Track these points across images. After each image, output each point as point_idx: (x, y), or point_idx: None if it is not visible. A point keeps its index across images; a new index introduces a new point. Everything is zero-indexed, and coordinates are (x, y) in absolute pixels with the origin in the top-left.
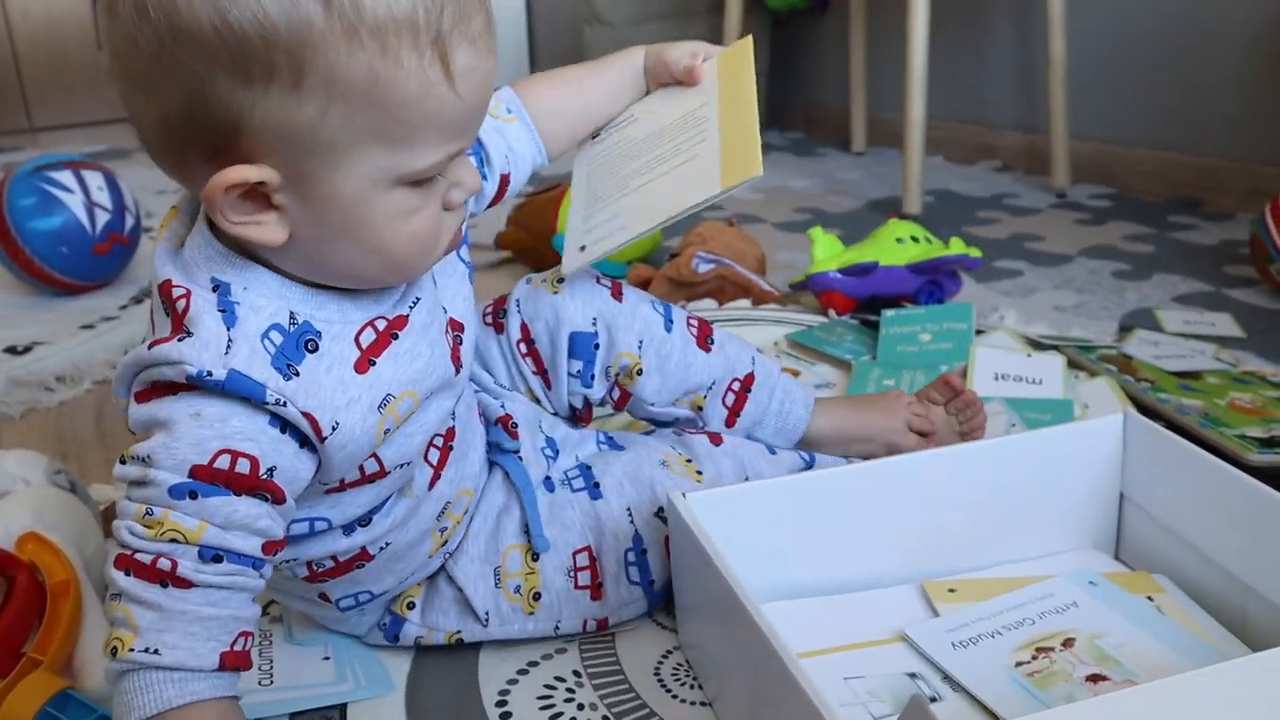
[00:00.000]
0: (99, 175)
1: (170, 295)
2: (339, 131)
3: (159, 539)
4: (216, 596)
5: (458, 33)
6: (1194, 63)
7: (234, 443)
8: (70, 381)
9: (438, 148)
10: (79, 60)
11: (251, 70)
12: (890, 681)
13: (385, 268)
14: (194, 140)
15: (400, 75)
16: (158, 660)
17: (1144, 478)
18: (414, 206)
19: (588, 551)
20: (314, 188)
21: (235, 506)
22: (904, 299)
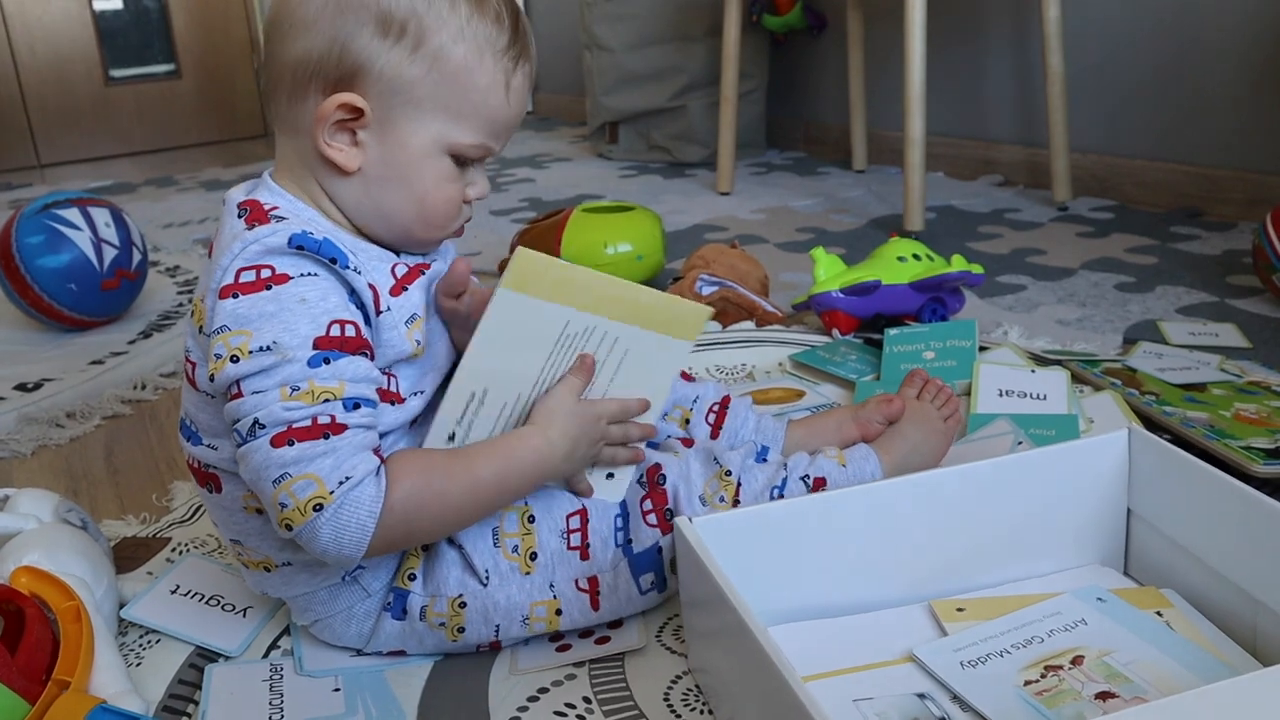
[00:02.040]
0: (106, 212)
1: (260, 205)
2: (427, 93)
3: (315, 403)
4: (360, 433)
5: (521, 62)
6: (1191, 73)
7: (337, 314)
8: (80, 418)
9: (482, 135)
10: (85, 96)
11: (390, 28)
12: (899, 703)
13: (418, 216)
14: (322, 74)
15: (480, 69)
16: (353, 481)
17: (1150, 493)
18: (452, 177)
19: (580, 514)
20: (392, 133)
21: (356, 364)
22: (907, 317)
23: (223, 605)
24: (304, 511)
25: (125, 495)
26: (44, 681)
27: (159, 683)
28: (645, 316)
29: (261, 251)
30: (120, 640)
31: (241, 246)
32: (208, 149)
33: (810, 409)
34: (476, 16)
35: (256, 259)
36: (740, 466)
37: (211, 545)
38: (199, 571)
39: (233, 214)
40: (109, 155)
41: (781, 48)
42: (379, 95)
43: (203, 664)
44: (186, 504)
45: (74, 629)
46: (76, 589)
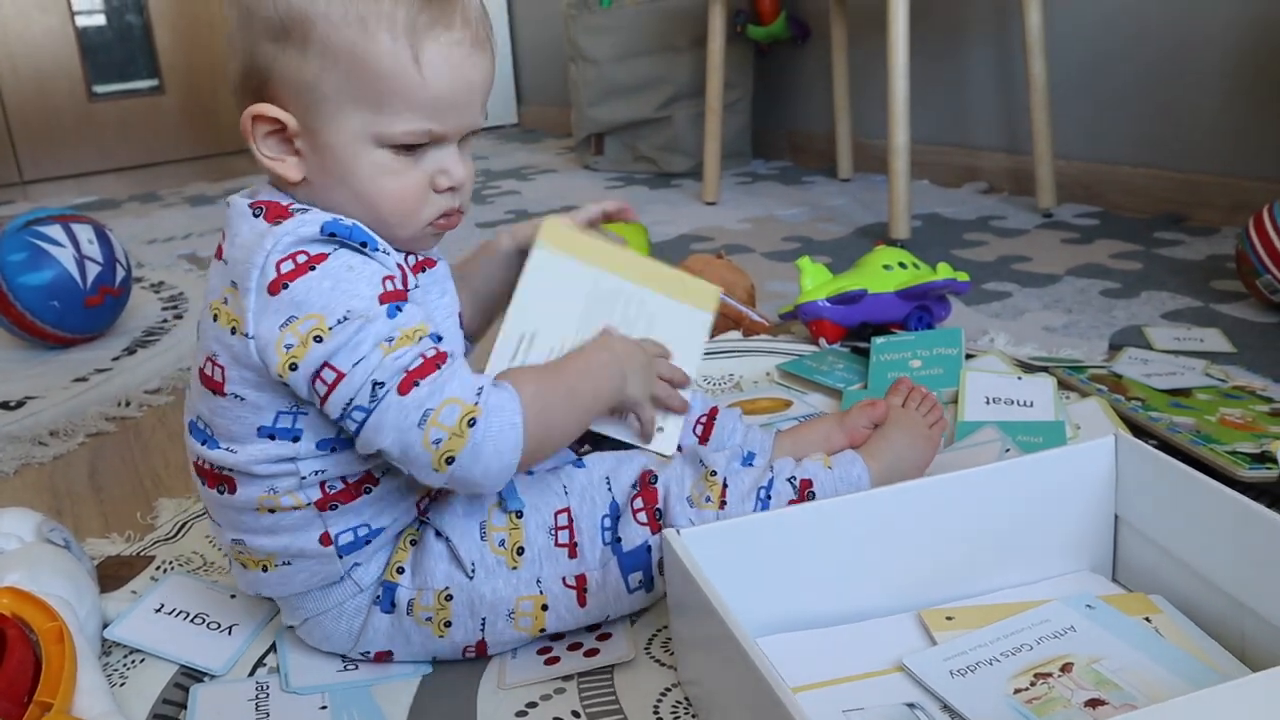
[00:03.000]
0: (89, 228)
1: (274, 203)
2: (332, 89)
3: (414, 343)
4: (459, 358)
5: (431, 33)
6: (1173, 80)
7: (383, 272)
8: (64, 435)
9: (408, 120)
10: (68, 113)
11: (279, 32)
12: (889, 713)
13: (371, 218)
14: (248, 88)
15: (375, 52)
16: (486, 388)
17: (1137, 499)
18: (395, 169)
19: (567, 512)
20: (317, 135)
21: (413, 310)
22: (894, 326)
23: (208, 623)
24: (460, 433)
25: (109, 513)
26: (25, 703)
27: (143, 703)
28: (664, 285)
29: (294, 241)
30: (104, 660)
31: (274, 240)
32: (192, 164)
33: (798, 418)
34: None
35: (290, 249)
36: (725, 468)
37: (196, 563)
38: (184, 589)
39: (246, 215)
40: (92, 171)
41: (766, 58)
42: (292, 100)
43: (188, 683)
44: (171, 521)
45: (56, 650)
46: (59, 609)
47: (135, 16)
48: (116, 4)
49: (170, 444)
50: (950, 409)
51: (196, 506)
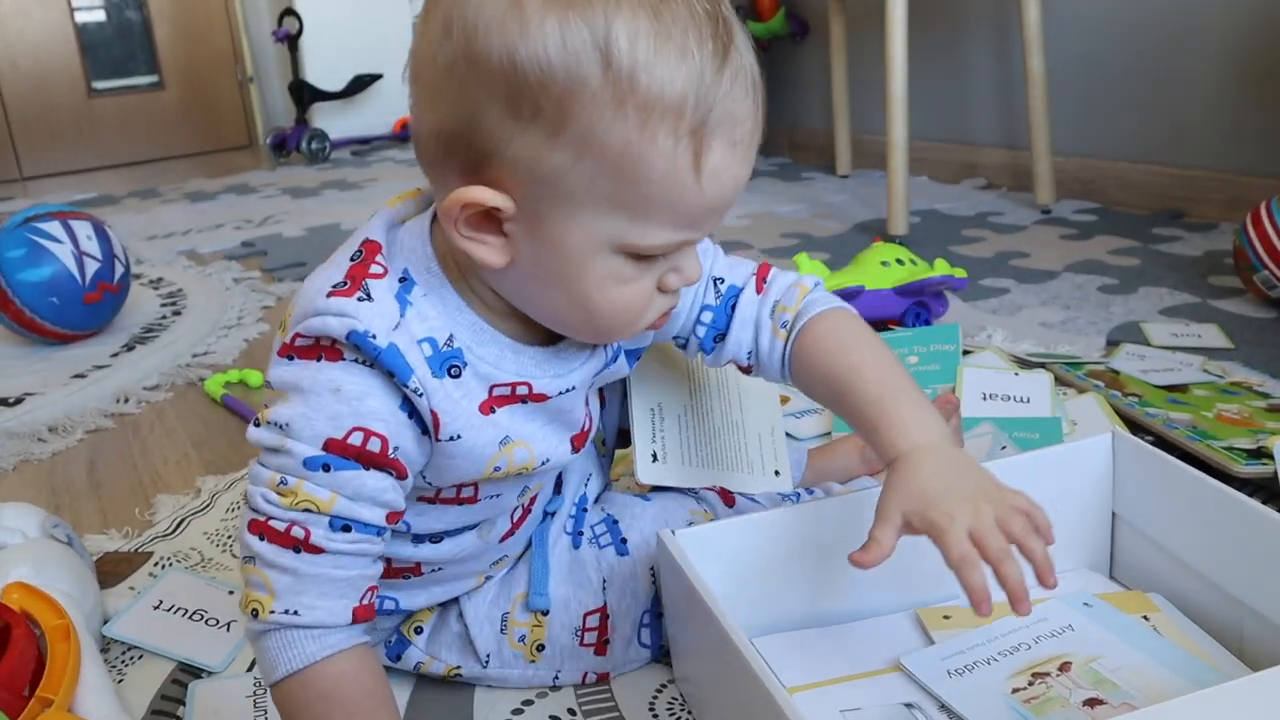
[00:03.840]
0: (87, 225)
1: (372, 258)
2: (581, 186)
3: (293, 508)
4: (345, 561)
5: (720, 132)
6: (1171, 76)
7: (368, 421)
8: (62, 432)
9: (668, 231)
10: (67, 109)
11: (521, 107)
12: (887, 712)
13: (584, 323)
14: (455, 155)
15: (651, 153)
16: (297, 620)
17: (1135, 496)
18: (629, 277)
19: (600, 612)
20: (543, 228)
21: (364, 480)
22: (891, 322)
23: (206, 620)
24: (246, 605)
25: (108, 509)
26: (25, 697)
27: (142, 699)
28: None
29: (319, 328)
30: (103, 656)
31: (311, 311)
32: (192, 160)
33: (796, 414)
34: (644, 71)
35: (312, 332)
36: None
37: (195, 559)
38: (182, 586)
39: (352, 245)
40: (92, 168)
41: (764, 54)
42: (519, 185)
43: (186, 680)
44: (169, 517)
45: (62, 647)
46: (65, 606)
47: (135, 12)
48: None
49: (169, 440)
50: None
51: (195, 503)
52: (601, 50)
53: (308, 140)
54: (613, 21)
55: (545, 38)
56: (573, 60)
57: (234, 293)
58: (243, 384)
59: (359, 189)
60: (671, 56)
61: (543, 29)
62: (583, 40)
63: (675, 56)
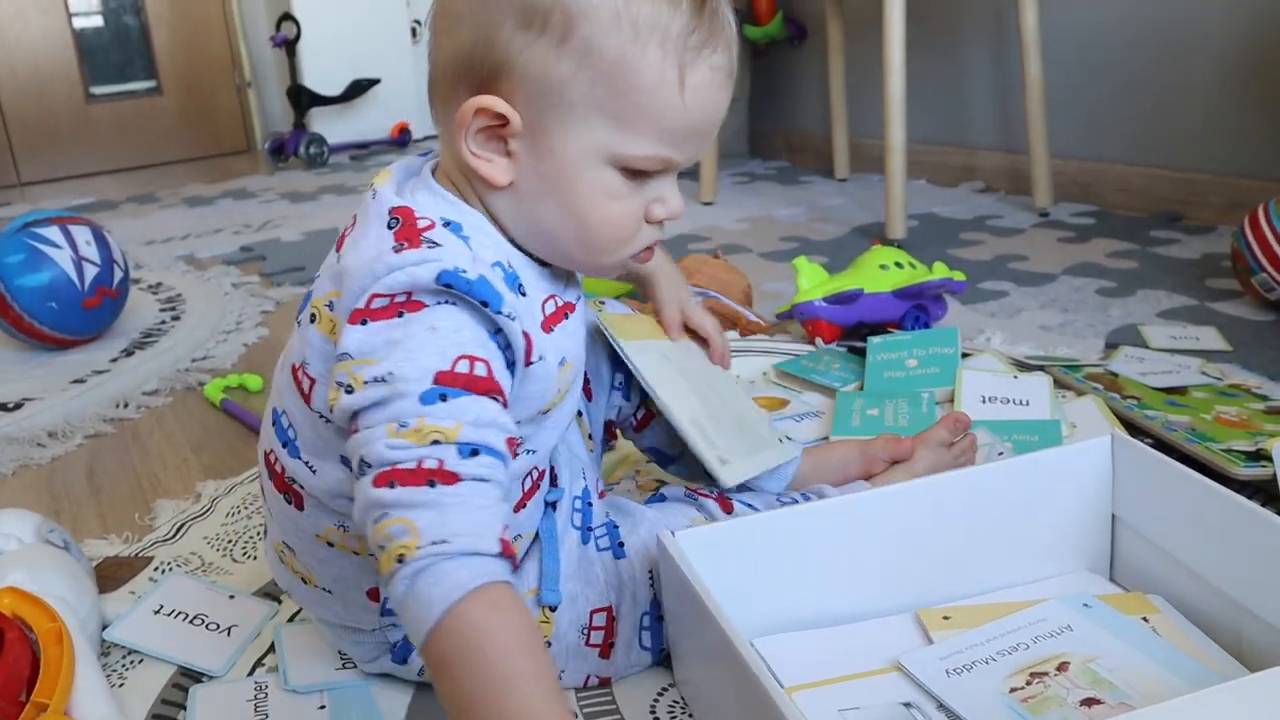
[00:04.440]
0: (86, 230)
1: (413, 217)
2: (580, 94)
3: (422, 443)
4: (480, 489)
5: (700, 55)
6: (1168, 80)
7: (469, 349)
8: (61, 437)
9: (653, 144)
10: (66, 114)
11: (532, 19)
12: (886, 712)
13: (578, 239)
14: (467, 75)
15: (642, 64)
16: (448, 549)
17: (1134, 498)
18: (618, 193)
19: (606, 612)
20: (544, 139)
21: (482, 405)
22: (890, 325)
23: (206, 624)
24: (390, 560)
25: (107, 514)
26: (21, 703)
27: (142, 704)
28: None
29: (404, 282)
30: (103, 661)
31: (385, 271)
32: (190, 165)
33: (794, 417)
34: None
35: (395, 288)
36: None
37: (195, 564)
38: (183, 590)
39: (381, 219)
40: (90, 173)
41: (763, 58)
42: (527, 97)
43: (187, 684)
44: (170, 522)
45: (55, 651)
46: (60, 610)
47: (133, 18)
48: (114, 5)
49: (168, 445)
50: (946, 408)
51: (195, 507)
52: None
53: (306, 145)
54: None
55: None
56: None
57: (233, 297)
58: (242, 388)
59: (357, 193)
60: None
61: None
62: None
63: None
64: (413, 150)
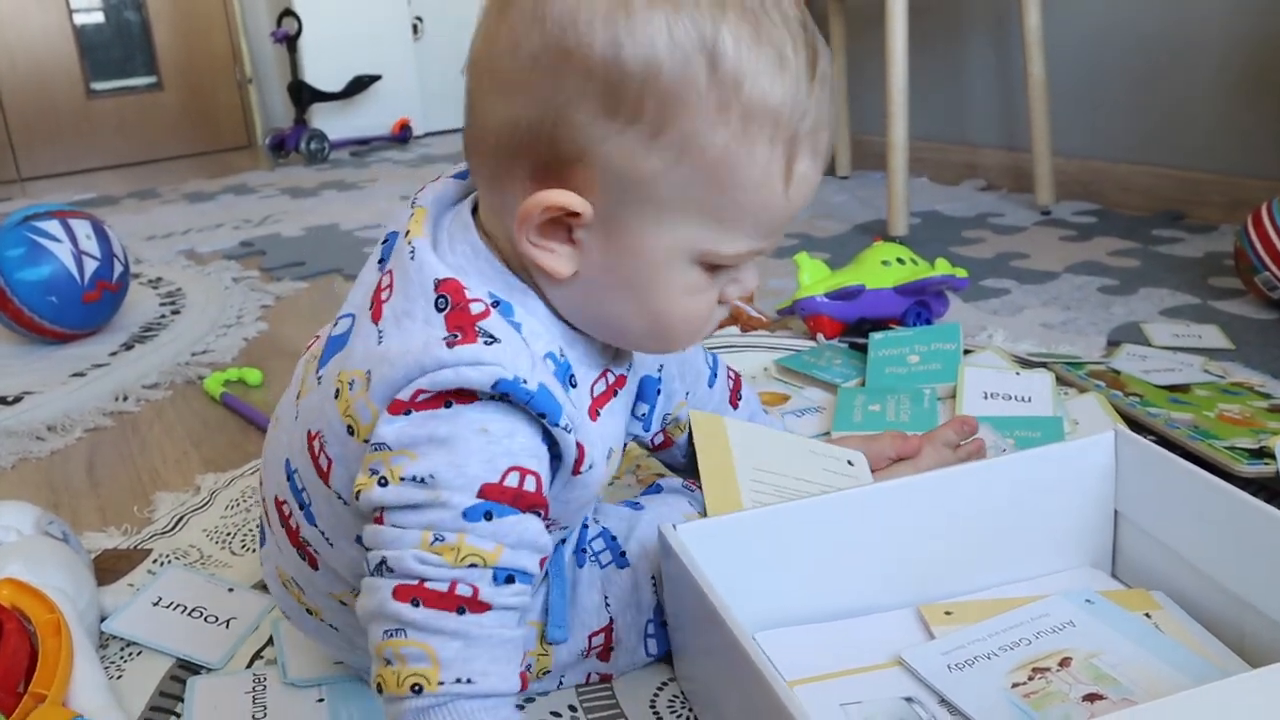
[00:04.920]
0: (86, 224)
1: (464, 298)
2: (671, 192)
3: (458, 564)
4: (508, 618)
5: (809, 140)
6: (1172, 78)
7: (521, 459)
8: (61, 430)
9: (749, 240)
10: (66, 109)
11: (619, 106)
12: (887, 706)
13: (649, 334)
14: (530, 152)
15: (748, 161)
16: (472, 690)
17: (1137, 494)
18: (700, 287)
19: (605, 630)
20: (621, 236)
21: (526, 525)
22: (891, 321)
23: (205, 617)
24: (400, 684)
25: (107, 507)
26: (19, 694)
27: (140, 696)
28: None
29: (455, 382)
30: (101, 653)
31: (435, 366)
32: (191, 161)
33: (796, 413)
34: (749, 78)
35: (445, 386)
36: None
37: (194, 556)
38: (181, 582)
39: (426, 296)
40: (91, 168)
41: None
42: (604, 189)
43: (185, 676)
44: (169, 515)
45: (54, 642)
46: (58, 601)
47: (133, 13)
48: (115, 1)
49: (167, 439)
50: (948, 404)
51: (194, 500)
52: (708, 52)
53: (306, 141)
54: (719, 24)
55: (654, 35)
56: (680, 60)
57: (233, 292)
58: (242, 382)
59: (358, 189)
60: (772, 63)
61: (650, 25)
62: (691, 40)
63: (775, 63)
64: (414, 147)
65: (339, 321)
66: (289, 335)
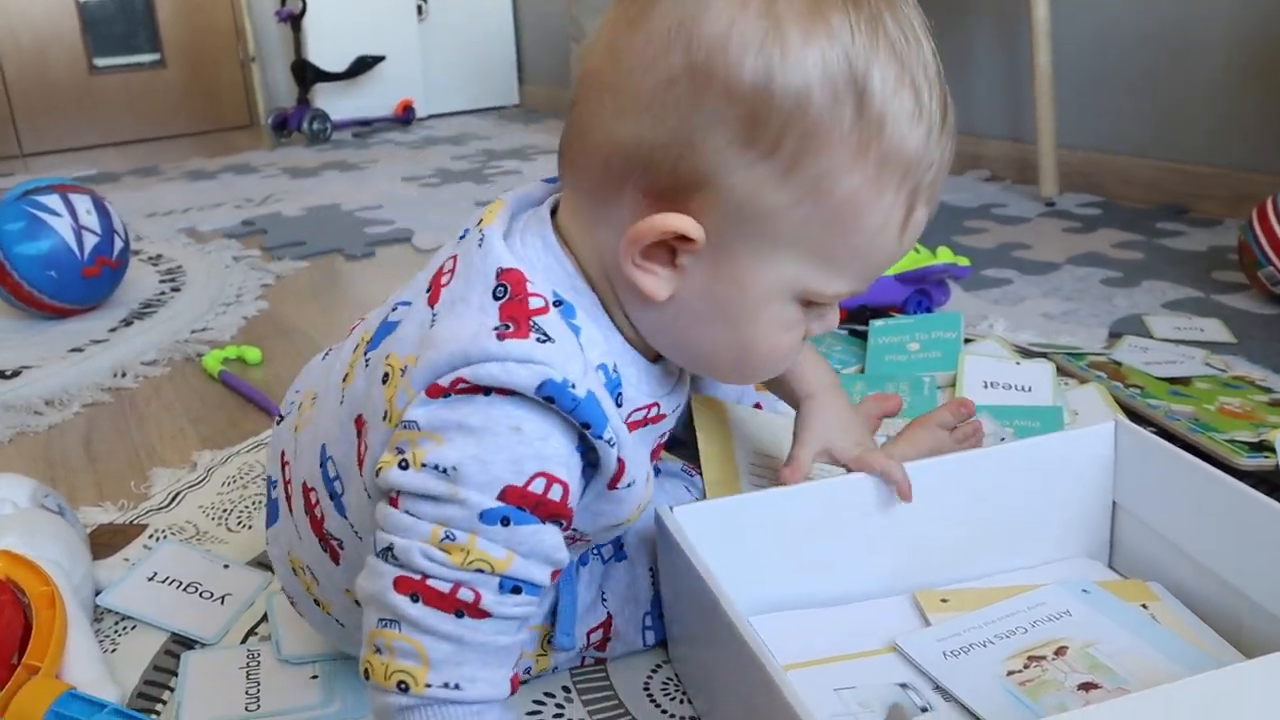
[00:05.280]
0: (87, 199)
1: (524, 290)
2: (790, 229)
3: (464, 567)
4: (508, 626)
5: (929, 190)
6: (1178, 72)
7: (551, 466)
8: (59, 405)
9: (851, 282)
10: (69, 85)
11: (758, 137)
12: (881, 692)
13: (734, 365)
14: (648, 173)
15: (874, 206)
16: (458, 695)
17: (1136, 485)
18: (793, 324)
19: (603, 625)
20: (728, 266)
21: (542, 535)
22: (892, 309)
23: (200, 592)
24: (388, 677)
25: (104, 482)
26: (12, 665)
27: (134, 669)
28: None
29: (499, 378)
30: (96, 626)
31: (482, 357)
32: (193, 139)
33: None
34: (890, 122)
35: (487, 381)
36: None
37: (190, 532)
38: (177, 558)
39: (486, 281)
40: (93, 145)
41: None
42: (722, 217)
43: (179, 651)
44: (165, 490)
45: (48, 615)
46: (53, 574)
47: None
48: None
49: (166, 415)
50: (947, 393)
51: (191, 476)
52: (858, 91)
53: (309, 121)
54: (872, 60)
55: (807, 68)
56: (829, 97)
57: (233, 270)
58: (240, 360)
59: (359, 170)
60: (912, 108)
61: (805, 57)
62: (844, 76)
63: (914, 109)
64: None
65: (397, 307)
66: (289, 314)
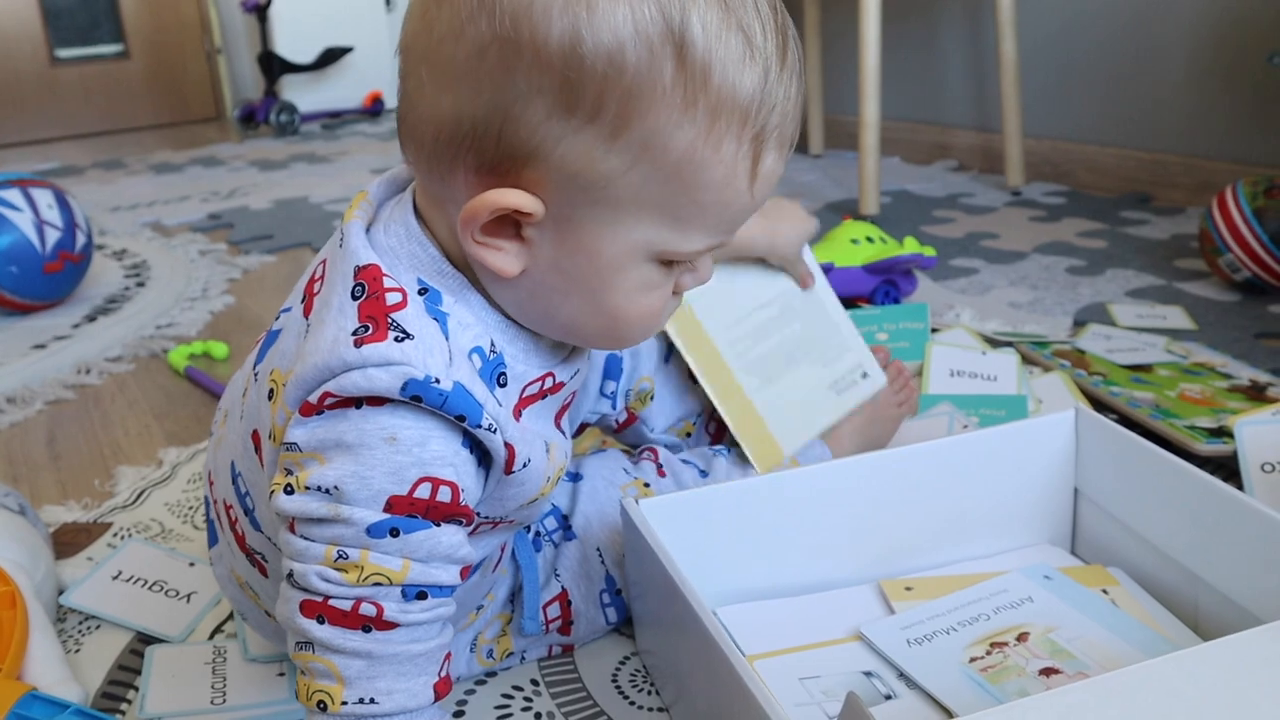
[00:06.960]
0: (48, 193)
1: (380, 285)
2: (630, 193)
3: (360, 583)
4: (421, 633)
5: (777, 135)
6: (1142, 62)
7: (434, 469)
8: (21, 403)
9: (707, 237)
10: (30, 77)
11: (577, 103)
12: (846, 680)
13: (602, 332)
14: (476, 148)
15: (713, 160)
16: (375, 710)
17: (1097, 472)
18: (655, 283)
19: (559, 600)
20: (574, 235)
21: (438, 538)
22: (860, 299)
23: (165, 590)
24: (309, 698)
25: (67, 481)
26: None
27: (98, 669)
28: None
29: (363, 386)
30: (59, 627)
31: (342, 367)
32: (157, 132)
33: None
34: (717, 69)
35: (352, 391)
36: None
37: (155, 530)
38: (141, 557)
39: (345, 281)
40: (55, 138)
41: None
42: (558, 188)
43: (144, 649)
44: (130, 489)
45: (9, 615)
46: (13, 574)
47: None
48: None
49: (130, 412)
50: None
51: (156, 474)
52: (676, 43)
53: (277, 113)
54: (689, 7)
55: (617, 25)
56: (645, 53)
57: (199, 265)
58: (207, 356)
59: (328, 162)
60: (741, 51)
61: (613, 14)
62: (657, 29)
63: (744, 52)
64: (386, 120)
65: (279, 315)
66: (256, 309)
